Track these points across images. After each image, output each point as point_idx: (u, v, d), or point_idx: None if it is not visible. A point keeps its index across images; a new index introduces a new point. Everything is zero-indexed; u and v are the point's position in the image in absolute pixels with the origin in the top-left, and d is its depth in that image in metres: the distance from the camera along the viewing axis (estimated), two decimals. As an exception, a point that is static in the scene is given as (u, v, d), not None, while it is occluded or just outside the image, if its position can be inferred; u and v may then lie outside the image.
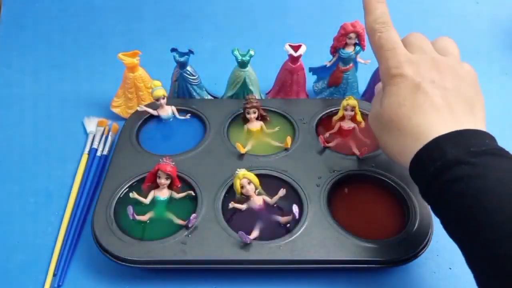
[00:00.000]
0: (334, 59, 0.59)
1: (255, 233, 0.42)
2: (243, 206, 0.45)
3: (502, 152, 0.34)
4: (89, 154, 0.55)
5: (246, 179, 0.44)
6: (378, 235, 0.43)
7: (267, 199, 0.45)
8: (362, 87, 0.63)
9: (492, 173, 0.32)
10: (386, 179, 0.48)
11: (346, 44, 0.57)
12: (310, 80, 0.62)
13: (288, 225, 0.44)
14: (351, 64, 0.59)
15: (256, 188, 0.45)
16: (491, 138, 0.35)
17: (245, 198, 0.45)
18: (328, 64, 0.60)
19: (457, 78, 0.38)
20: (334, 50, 0.58)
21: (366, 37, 0.54)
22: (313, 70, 0.61)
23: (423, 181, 0.35)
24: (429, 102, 0.36)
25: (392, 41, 0.41)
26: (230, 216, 0.45)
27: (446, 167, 0.33)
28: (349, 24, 0.55)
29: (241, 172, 0.45)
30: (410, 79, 0.38)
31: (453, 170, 0.32)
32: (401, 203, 0.47)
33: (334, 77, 0.60)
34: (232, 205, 0.44)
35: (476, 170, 0.32)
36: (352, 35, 0.55)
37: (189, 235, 0.42)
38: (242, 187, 0.44)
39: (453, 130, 0.34)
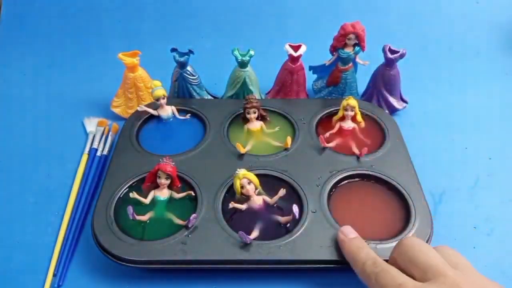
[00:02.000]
0: (333, 58, 0.59)
1: (255, 233, 0.42)
2: (243, 206, 0.45)
3: None
4: (89, 154, 0.55)
5: (246, 179, 0.44)
6: (378, 235, 0.43)
7: (267, 199, 0.45)
8: (361, 87, 0.63)
9: None
10: (386, 179, 0.48)
11: (345, 45, 0.57)
12: (310, 80, 0.62)
13: (288, 225, 0.44)
14: (350, 64, 0.59)
15: (256, 188, 0.45)
16: None
17: (245, 198, 0.45)
18: (327, 63, 0.60)
19: None
20: (334, 50, 0.58)
21: (365, 38, 0.54)
22: (313, 68, 0.61)
23: None
24: None
25: (394, 278, 0.35)
26: (230, 216, 0.45)
27: None
28: (349, 24, 0.55)
29: (241, 172, 0.45)
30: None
31: None
32: (401, 203, 0.47)
33: (333, 77, 0.60)
34: (232, 205, 0.44)
35: None
36: (352, 36, 0.55)
37: (189, 235, 0.42)
38: (242, 187, 0.44)
39: None
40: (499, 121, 0.62)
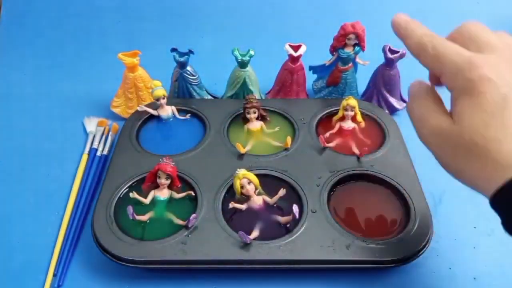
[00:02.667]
0: (333, 58, 0.59)
1: (255, 233, 0.42)
2: (243, 206, 0.45)
3: None
4: (89, 154, 0.55)
5: (246, 179, 0.44)
6: (378, 235, 0.43)
7: (267, 199, 0.45)
8: (361, 87, 0.63)
9: None
10: (386, 179, 0.48)
11: (345, 45, 0.57)
12: (310, 80, 0.62)
13: (288, 225, 0.44)
14: (350, 64, 0.59)
15: (256, 188, 0.45)
16: None
17: (245, 198, 0.45)
18: (327, 63, 0.60)
19: None
20: (334, 50, 0.58)
21: (365, 39, 0.54)
22: (313, 68, 0.61)
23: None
24: None
25: (452, 46, 0.33)
26: (230, 216, 0.45)
27: None
28: (349, 24, 0.55)
29: (241, 172, 0.45)
30: (495, 89, 0.30)
31: None
32: (401, 203, 0.47)
33: (333, 77, 0.60)
34: (232, 205, 0.44)
35: None
36: (352, 36, 0.55)
37: (189, 235, 0.42)
38: (242, 187, 0.44)
39: None
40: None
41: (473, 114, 0.31)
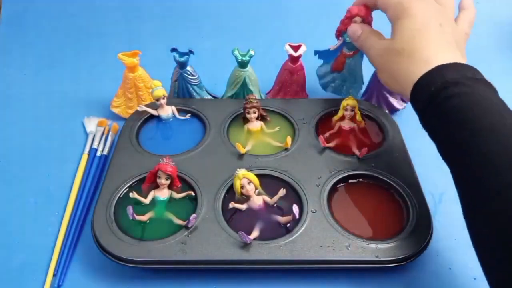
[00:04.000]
0: (339, 43, 0.57)
1: (255, 233, 0.42)
2: (243, 206, 0.45)
3: (492, 85, 0.40)
4: (89, 154, 0.55)
5: (246, 179, 0.44)
6: (378, 235, 0.43)
7: (267, 199, 0.45)
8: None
9: (483, 94, 0.38)
10: (386, 179, 0.48)
11: None
12: (310, 80, 0.62)
13: (288, 225, 0.44)
14: (355, 51, 0.57)
15: (256, 188, 0.45)
16: (482, 74, 0.41)
17: (245, 198, 0.45)
18: (332, 48, 0.58)
19: (454, 26, 0.47)
20: (339, 34, 0.56)
21: (372, 23, 0.55)
22: (318, 53, 0.59)
23: (423, 101, 0.41)
24: (438, 39, 0.43)
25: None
26: (230, 216, 0.45)
27: (444, 87, 0.39)
28: (355, 7, 0.53)
29: (241, 172, 0.45)
30: (422, 15, 0.44)
31: (451, 89, 0.38)
32: (401, 203, 0.47)
33: (338, 62, 0.59)
34: (232, 205, 0.44)
35: (470, 89, 0.38)
36: (357, 18, 0.53)
37: (189, 235, 0.42)
38: (242, 187, 0.44)
39: (453, 61, 0.41)
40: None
41: (403, 31, 0.45)
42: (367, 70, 0.61)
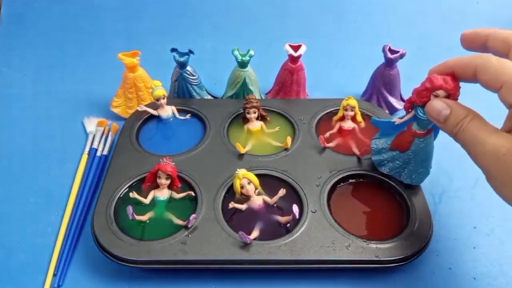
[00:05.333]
0: (408, 116, 0.43)
1: (255, 233, 0.42)
2: (243, 206, 0.45)
3: None
4: (89, 154, 0.55)
5: (246, 179, 0.44)
6: (378, 235, 0.43)
7: (267, 199, 0.45)
8: (361, 87, 0.63)
9: None
10: (386, 179, 0.48)
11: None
12: (310, 80, 0.62)
13: (288, 225, 0.44)
14: (429, 129, 0.43)
15: (256, 188, 0.45)
16: None
17: (245, 198, 0.45)
18: (397, 122, 0.44)
19: None
20: (410, 106, 0.42)
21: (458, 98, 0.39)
22: (376, 122, 0.47)
23: None
24: None
25: None
26: (230, 216, 0.45)
27: None
28: (439, 77, 0.38)
29: (241, 172, 0.45)
30: None
31: None
32: (401, 203, 0.47)
33: (402, 140, 0.45)
34: (232, 205, 0.44)
35: None
36: (441, 92, 0.38)
37: (189, 235, 0.42)
38: (242, 187, 0.44)
39: None
40: (499, 121, 0.62)
41: None
42: (367, 69, 0.61)
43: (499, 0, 0.84)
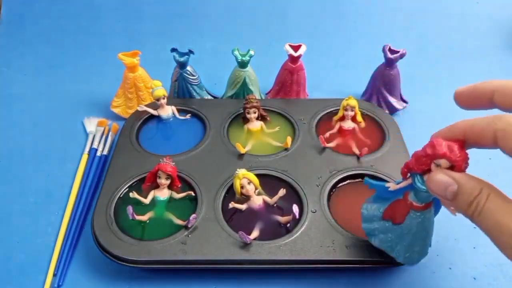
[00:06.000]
0: (404, 183, 0.36)
1: (255, 233, 0.42)
2: (243, 206, 0.45)
3: None
4: (89, 154, 0.55)
5: (246, 179, 0.44)
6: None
7: (267, 199, 0.45)
8: (361, 87, 0.63)
9: None
10: (386, 179, 0.48)
11: (428, 170, 0.33)
12: (310, 80, 0.62)
13: (288, 225, 0.44)
14: (428, 202, 0.36)
15: (256, 188, 0.45)
16: None
17: (245, 198, 0.45)
18: (391, 188, 0.37)
19: None
20: (408, 172, 0.35)
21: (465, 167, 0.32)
22: (370, 183, 0.39)
23: None
24: None
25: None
26: (230, 216, 0.45)
27: None
28: (444, 143, 0.31)
29: (241, 172, 0.45)
30: None
31: None
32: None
33: (396, 210, 0.38)
34: (232, 205, 0.44)
35: None
36: (443, 161, 0.31)
37: (189, 235, 0.42)
38: (242, 187, 0.44)
39: None
40: None
41: None
42: (367, 69, 0.61)
43: (499, 0, 0.84)
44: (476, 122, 0.29)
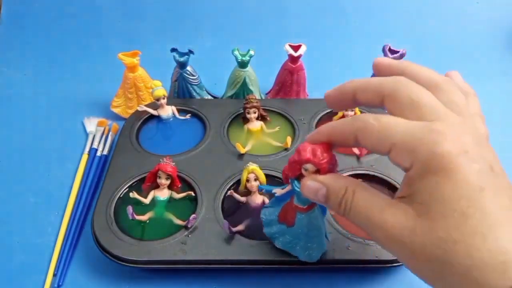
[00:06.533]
0: (287, 188, 0.37)
1: (240, 227, 0.43)
2: (241, 199, 0.45)
3: None
4: (89, 154, 0.55)
5: (253, 174, 0.44)
6: (378, 235, 0.43)
7: (267, 201, 0.45)
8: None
9: None
10: (386, 179, 0.48)
11: (301, 175, 0.33)
12: (310, 80, 0.62)
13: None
14: (310, 204, 0.36)
15: None
16: None
17: (247, 192, 0.45)
18: (278, 193, 0.38)
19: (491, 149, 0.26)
20: (287, 177, 0.36)
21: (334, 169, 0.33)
22: (260, 188, 0.44)
23: None
24: (500, 207, 0.23)
25: (396, 118, 0.27)
26: (230, 216, 0.45)
27: None
28: (308, 148, 0.31)
29: (252, 166, 0.45)
30: (468, 165, 0.23)
31: None
32: (401, 203, 0.47)
33: (286, 213, 0.39)
34: (231, 193, 0.44)
35: None
36: (309, 166, 0.31)
37: (189, 235, 0.42)
38: (248, 180, 0.45)
39: None
40: (499, 121, 0.62)
41: (445, 204, 0.23)
42: (367, 69, 0.61)
43: (499, 0, 0.84)
44: (337, 125, 0.30)
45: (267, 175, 0.48)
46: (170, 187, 0.47)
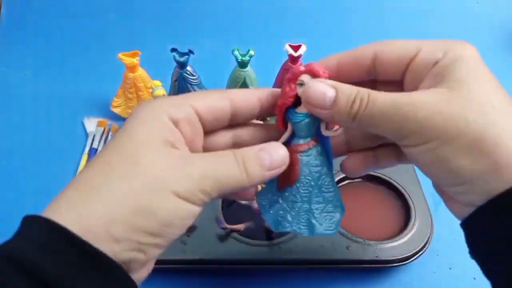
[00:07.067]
0: (285, 134, 0.31)
1: (238, 226, 0.42)
2: (243, 201, 0.45)
3: None
4: (89, 154, 0.55)
5: None
6: (377, 235, 0.43)
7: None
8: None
9: None
10: (386, 179, 0.48)
11: (298, 102, 0.29)
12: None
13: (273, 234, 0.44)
14: (314, 138, 0.30)
15: None
16: None
17: None
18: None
19: None
20: (283, 119, 0.31)
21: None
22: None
23: (502, 227, 0.24)
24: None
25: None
26: (230, 216, 0.45)
27: None
28: (298, 64, 0.29)
29: None
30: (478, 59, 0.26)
31: None
32: (401, 203, 0.47)
33: (285, 174, 0.30)
34: None
35: None
36: (304, 77, 0.28)
37: (189, 235, 0.42)
38: None
39: None
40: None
41: (479, 78, 0.25)
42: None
43: (499, 0, 0.84)
44: (351, 51, 0.29)
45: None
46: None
